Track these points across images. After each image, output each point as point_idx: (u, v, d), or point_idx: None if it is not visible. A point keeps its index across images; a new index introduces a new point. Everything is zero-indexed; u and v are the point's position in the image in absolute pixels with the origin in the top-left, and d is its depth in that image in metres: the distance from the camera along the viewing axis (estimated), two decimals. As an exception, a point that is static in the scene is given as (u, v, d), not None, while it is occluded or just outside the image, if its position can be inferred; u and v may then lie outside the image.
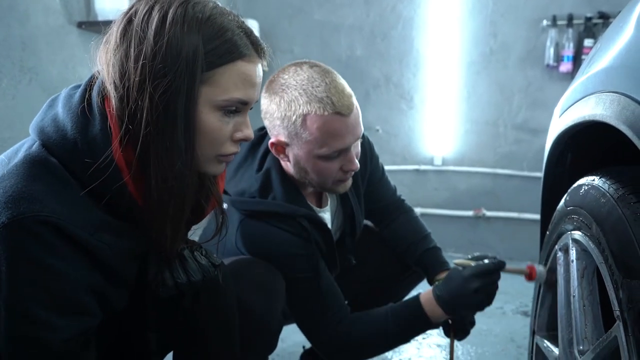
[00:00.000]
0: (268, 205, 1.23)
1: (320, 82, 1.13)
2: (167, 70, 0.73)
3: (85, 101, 0.77)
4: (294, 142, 1.17)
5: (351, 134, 1.16)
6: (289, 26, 3.49)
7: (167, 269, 0.90)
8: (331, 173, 1.20)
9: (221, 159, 0.85)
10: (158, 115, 0.74)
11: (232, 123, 0.83)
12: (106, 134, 0.74)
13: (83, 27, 2.28)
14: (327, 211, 1.38)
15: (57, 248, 0.71)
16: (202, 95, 0.77)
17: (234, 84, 0.79)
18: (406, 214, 1.54)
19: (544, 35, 2.99)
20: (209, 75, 0.77)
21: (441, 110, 3.27)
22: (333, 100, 1.12)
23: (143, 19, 0.75)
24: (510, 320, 2.21)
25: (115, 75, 0.75)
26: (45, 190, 0.72)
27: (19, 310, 0.71)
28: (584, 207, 0.80)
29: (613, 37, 0.80)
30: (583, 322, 0.80)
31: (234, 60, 0.79)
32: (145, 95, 0.73)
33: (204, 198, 0.90)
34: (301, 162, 1.20)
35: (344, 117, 1.13)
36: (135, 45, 0.74)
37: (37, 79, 2.12)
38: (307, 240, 1.23)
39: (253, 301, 1.11)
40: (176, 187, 0.77)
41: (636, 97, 0.64)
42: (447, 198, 3.34)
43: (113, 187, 0.75)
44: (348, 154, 1.19)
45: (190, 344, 1.00)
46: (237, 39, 0.79)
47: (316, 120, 1.12)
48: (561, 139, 0.99)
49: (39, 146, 0.76)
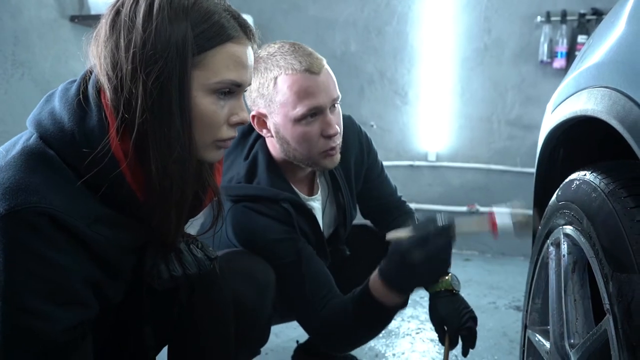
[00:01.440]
0: (251, 189, 1.24)
1: (289, 47, 1.20)
2: (158, 57, 0.74)
3: (81, 94, 0.77)
4: (272, 109, 1.20)
5: (324, 92, 1.18)
6: (284, 21, 3.48)
7: (163, 262, 0.90)
8: (312, 139, 1.20)
9: (219, 144, 0.85)
10: (153, 102, 0.74)
11: (227, 107, 0.83)
12: (103, 125, 0.75)
13: (76, 21, 2.27)
14: (316, 200, 1.38)
15: (54, 239, 0.72)
16: (195, 80, 0.78)
17: (225, 66, 0.80)
18: (406, 215, 1.52)
19: (538, 32, 3.00)
20: (200, 59, 0.78)
21: (435, 106, 3.28)
22: (300, 60, 1.17)
23: (130, 9, 0.76)
24: (503, 315, 2.22)
25: (107, 66, 0.76)
26: (42, 182, 0.72)
27: (16, 300, 0.71)
28: (575, 202, 0.80)
29: (605, 32, 0.80)
30: (574, 315, 0.81)
31: (223, 43, 0.79)
32: (138, 83, 0.74)
33: (201, 189, 0.90)
34: (280, 131, 1.21)
35: (313, 75, 1.17)
36: (124, 35, 0.75)
37: (29, 73, 2.11)
38: (290, 225, 1.24)
39: (243, 293, 1.11)
40: (177, 172, 0.78)
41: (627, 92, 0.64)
42: (441, 194, 3.35)
43: (110, 177, 0.75)
44: (325, 117, 1.20)
45: (186, 336, 1.01)
46: (224, 22, 0.80)
47: (286, 80, 1.17)
48: (553, 135, 1.00)
49: (36, 139, 0.76)
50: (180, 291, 0.93)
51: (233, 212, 1.23)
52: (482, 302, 2.32)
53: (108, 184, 0.75)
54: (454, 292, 1.32)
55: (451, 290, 1.32)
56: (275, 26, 3.45)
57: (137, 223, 0.82)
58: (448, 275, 1.36)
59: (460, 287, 1.37)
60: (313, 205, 1.35)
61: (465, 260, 3.16)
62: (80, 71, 0.83)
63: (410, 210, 1.56)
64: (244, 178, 1.26)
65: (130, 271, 0.87)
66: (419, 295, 2.33)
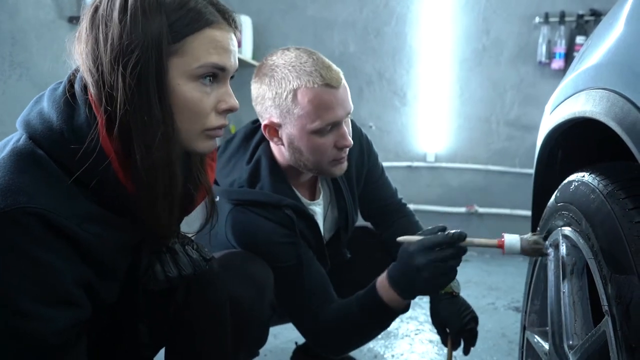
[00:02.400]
0: (254, 194, 1.24)
1: (307, 58, 1.18)
2: (134, 47, 0.74)
3: (67, 92, 0.78)
4: (287, 121, 1.18)
5: (341, 107, 1.18)
6: (282, 22, 3.48)
7: (158, 263, 0.90)
8: (325, 150, 1.20)
9: (209, 134, 0.84)
10: (132, 93, 0.75)
11: (214, 94, 0.83)
12: (91, 122, 0.75)
13: (74, 22, 2.26)
14: (319, 204, 1.38)
15: (45, 240, 0.71)
16: (175, 67, 0.78)
17: (206, 50, 0.80)
18: (406, 218, 1.53)
19: (536, 32, 3.00)
20: (179, 46, 0.78)
21: (434, 106, 3.28)
22: (322, 74, 1.15)
23: (108, 4, 0.77)
24: (502, 316, 2.22)
25: (89, 62, 0.76)
26: (32, 183, 0.72)
27: (7, 302, 0.70)
28: (574, 203, 0.80)
29: (603, 34, 0.80)
30: (573, 317, 0.81)
31: (201, 29, 0.79)
32: (117, 75, 0.74)
33: (193, 186, 0.90)
34: (295, 142, 1.20)
35: (333, 89, 1.16)
36: (102, 30, 0.76)
37: (27, 74, 2.11)
38: (292, 230, 1.23)
39: (242, 295, 1.11)
40: (161, 161, 0.78)
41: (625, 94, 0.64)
42: (439, 194, 3.35)
43: (99, 170, 0.75)
44: (340, 129, 1.20)
45: (182, 338, 1.00)
46: (201, 7, 0.80)
47: (307, 93, 1.15)
48: (552, 136, 1.00)
49: (26, 139, 0.76)
50: (176, 292, 0.93)
51: (234, 214, 1.23)
52: (481, 303, 2.32)
53: (98, 178, 0.75)
54: (454, 294, 1.33)
55: (451, 292, 1.32)
56: (274, 26, 3.45)
57: (128, 221, 0.82)
58: None
59: (460, 289, 1.37)
60: (315, 210, 1.35)
61: (464, 261, 3.15)
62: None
63: (411, 212, 1.56)
64: (247, 182, 1.25)
65: (124, 271, 0.87)
66: (417, 296, 2.33)
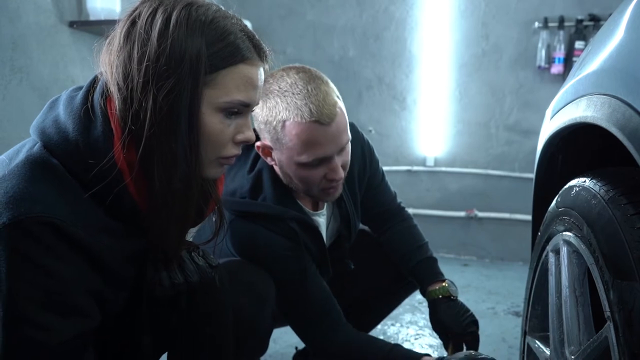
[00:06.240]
0: (257, 206, 1.22)
1: (302, 88, 1.12)
2: (171, 72, 0.74)
3: (87, 102, 0.77)
4: (277, 147, 1.17)
5: (332, 143, 1.14)
6: (282, 27, 3.49)
7: (165, 270, 0.90)
8: (314, 181, 1.18)
9: (222, 162, 0.85)
10: (162, 117, 0.74)
11: (234, 125, 0.83)
12: (107, 135, 0.75)
13: (74, 27, 2.26)
14: (322, 215, 1.36)
15: (57, 249, 0.71)
16: (205, 98, 0.78)
17: (236, 86, 0.80)
18: (404, 222, 1.52)
19: (536, 37, 3.01)
20: (212, 77, 0.77)
21: (433, 111, 3.28)
22: (311, 108, 1.10)
23: (147, 21, 0.75)
24: (502, 321, 2.22)
25: (118, 76, 0.75)
26: (46, 192, 0.72)
27: (17, 310, 0.70)
28: (575, 209, 0.80)
29: (604, 39, 0.80)
30: (574, 322, 0.81)
31: (236, 63, 0.79)
32: (149, 97, 0.73)
33: (203, 200, 0.90)
34: (284, 167, 1.19)
35: (323, 126, 1.11)
36: (138, 47, 0.74)
37: (27, 79, 2.11)
38: (296, 243, 1.23)
39: (243, 304, 1.10)
40: (181, 189, 0.78)
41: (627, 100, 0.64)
42: (439, 199, 3.35)
43: (114, 189, 0.75)
44: (331, 163, 1.16)
45: (185, 345, 1.00)
46: (239, 42, 0.80)
47: (294, 127, 1.11)
48: (552, 141, 1.00)
49: (40, 147, 0.76)
50: (181, 299, 0.93)
51: (236, 224, 1.22)
52: (480, 308, 2.32)
53: (112, 195, 0.75)
54: (452, 298, 1.32)
55: (449, 296, 1.32)
56: (273, 32, 3.46)
57: (140, 234, 0.82)
58: (444, 282, 1.36)
59: (458, 292, 1.37)
60: (318, 221, 1.34)
61: (464, 266, 3.16)
62: (79, 76, 0.83)
63: (409, 216, 1.56)
64: (249, 193, 1.23)
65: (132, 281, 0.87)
66: (417, 301, 2.33)
